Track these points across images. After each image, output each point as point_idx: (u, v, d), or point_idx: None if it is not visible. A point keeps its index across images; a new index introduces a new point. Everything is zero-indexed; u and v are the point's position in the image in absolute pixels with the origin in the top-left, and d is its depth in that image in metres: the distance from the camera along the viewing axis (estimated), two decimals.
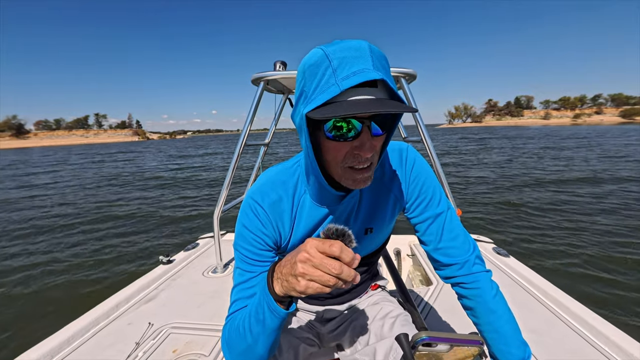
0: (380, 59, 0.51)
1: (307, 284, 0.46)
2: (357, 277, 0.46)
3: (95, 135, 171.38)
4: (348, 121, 0.52)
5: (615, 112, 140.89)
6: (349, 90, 0.49)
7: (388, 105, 0.48)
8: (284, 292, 0.51)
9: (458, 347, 0.57)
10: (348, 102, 0.49)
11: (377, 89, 0.50)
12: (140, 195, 9.26)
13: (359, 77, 0.47)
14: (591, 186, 7.75)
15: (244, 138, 1.81)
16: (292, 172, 0.71)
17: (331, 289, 0.46)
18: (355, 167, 0.56)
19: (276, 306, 0.53)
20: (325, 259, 0.45)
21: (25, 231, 6.07)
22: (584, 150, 16.03)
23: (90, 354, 1.20)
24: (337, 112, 0.47)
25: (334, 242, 0.46)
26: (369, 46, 0.50)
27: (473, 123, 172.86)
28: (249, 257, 0.67)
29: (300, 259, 0.46)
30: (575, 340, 1.18)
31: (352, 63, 0.48)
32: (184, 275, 1.87)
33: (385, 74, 0.50)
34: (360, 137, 0.53)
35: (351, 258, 0.45)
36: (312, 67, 0.51)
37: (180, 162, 20.73)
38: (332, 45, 0.51)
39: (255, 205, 0.68)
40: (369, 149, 0.53)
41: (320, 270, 0.45)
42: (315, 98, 0.50)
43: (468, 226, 4.11)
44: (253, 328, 0.58)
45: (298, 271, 0.46)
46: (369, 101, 0.49)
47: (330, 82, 0.49)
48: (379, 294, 1.00)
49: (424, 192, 0.73)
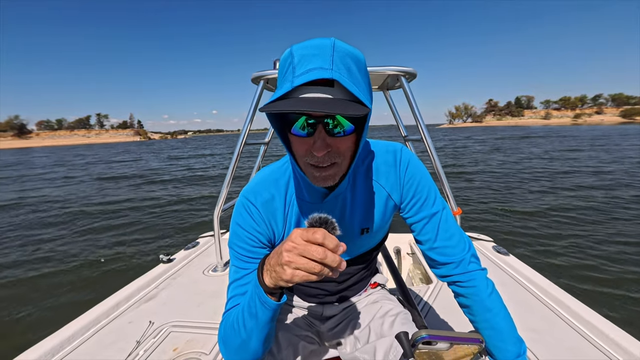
0: (344, 58, 0.50)
1: (293, 272, 0.47)
2: (343, 263, 0.47)
3: (97, 135, 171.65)
4: (305, 117, 0.53)
5: (615, 112, 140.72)
6: (302, 87, 0.50)
7: (329, 105, 0.47)
8: (273, 283, 0.52)
9: (458, 346, 0.57)
10: (295, 99, 0.50)
11: (334, 89, 0.50)
12: (140, 195, 9.27)
13: (310, 75, 0.48)
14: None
15: (244, 137, 1.81)
16: (283, 171, 0.73)
17: (318, 277, 0.47)
18: (315, 165, 0.57)
19: (267, 298, 0.55)
20: (309, 246, 0.46)
21: (24, 230, 6.08)
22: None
23: (91, 352, 1.21)
24: (278, 107, 0.48)
25: (317, 229, 0.47)
26: (334, 44, 0.50)
27: (473, 123, 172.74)
28: (243, 255, 0.68)
29: (285, 247, 0.48)
30: (575, 339, 1.18)
31: (310, 61, 0.49)
32: (185, 274, 1.87)
33: (347, 74, 0.50)
34: (314, 135, 0.54)
35: (335, 245, 0.46)
36: (281, 64, 0.54)
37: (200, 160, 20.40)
38: (301, 42, 0.52)
39: (248, 204, 0.69)
40: (320, 147, 0.53)
41: (306, 258, 0.46)
42: (275, 92, 0.52)
43: (479, 226, 4.02)
44: (247, 323, 0.59)
45: (284, 260, 0.47)
46: (315, 100, 0.49)
47: (287, 79, 0.50)
48: (379, 292, 1.00)
49: (419, 192, 0.73)
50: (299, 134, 0.55)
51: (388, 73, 1.71)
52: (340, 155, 0.57)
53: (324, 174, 0.57)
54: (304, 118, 0.53)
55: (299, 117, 0.53)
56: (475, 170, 11.24)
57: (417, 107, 1.73)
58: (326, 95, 0.50)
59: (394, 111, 2.15)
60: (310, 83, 0.49)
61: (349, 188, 0.72)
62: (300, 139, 0.56)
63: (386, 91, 2.14)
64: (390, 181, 0.73)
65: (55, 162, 24.68)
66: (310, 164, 0.57)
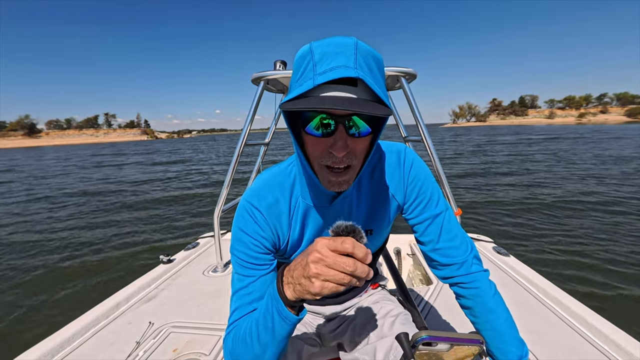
0: (366, 57, 0.49)
1: (322, 285, 0.44)
2: (371, 272, 0.45)
3: (105, 134, 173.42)
4: (323, 117, 0.51)
5: (620, 111, 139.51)
6: (324, 86, 0.48)
7: (356, 105, 0.46)
8: (296, 297, 0.49)
9: (458, 346, 0.56)
10: (318, 98, 0.48)
11: (357, 88, 0.49)
12: (140, 194, 9.32)
13: (334, 74, 0.46)
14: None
15: (244, 137, 1.81)
16: (287, 173, 0.70)
17: (346, 287, 0.45)
18: (331, 167, 0.55)
19: (288, 312, 0.51)
20: (339, 257, 0.44)
21: (24, 230, 6.12)
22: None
23: (91, 353, 1.21)
24: (301, 105, 0.46)
25: (345, 238, 0.44)
26: (356, 43, 0.49)
27: (477, 122, 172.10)
28: (247, 262, 0.65)
29: (312, 259, 0.45)
30: (575, 340, 1.18)
31: (332, 59, 0.47)
32: (185, 275, 1.88)
33: (369, 74, 0.48)
34: (334, 135, 0.52)
35: (364, 254, 0.44)
36: (298, 60, 0.52)
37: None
38: (321, 40, 0.50)
39: (252, 208, 0.66)
40: (341, 147, 0.52)
41: (335, 269, 0.44)
42: (293, 90, 0.50)
43: (489, 231, 3.74)
44: (261, 337, 0.55)
45: (311, 272, 0.44)
46: (339, 99, 0.47)
47: (308, 76, 0.49)
48: (379, 293, 0.99)
49: (422, 192, 0.72)
50: (314, 134, 0.53)
51: (388, 74, 1.71)
52: (355, 157, 0.55)
53: (340, 179, 0.55)
54: (319, 117, 0.51)
55: (315, 116, 0.51)
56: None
57: (417, 107, 1.73)
58: (350, 95, 0.48)
59: (394, 111, 2.15)
60: (332, 82, 0.48)
61: (355, 189, 0.70)
62: (316, 139, 0.53)
63: (386, 92, 2.13)
64: (394, 182, 0.72)
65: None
66: (326, 166, 0.55)
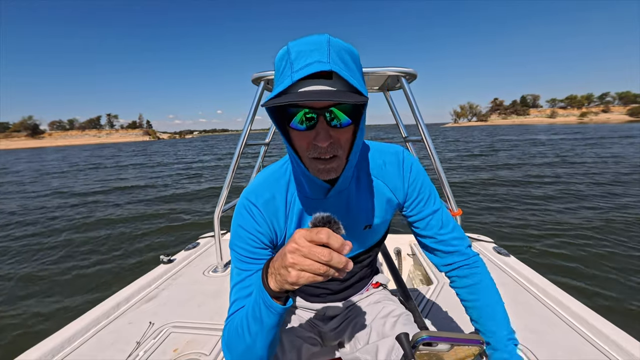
0: (340, 52, 0.52)
1: (298, 274, 0.46)
2: (350, 264, 0.46)
3: (107, 135, 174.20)
4: (306, 112, 0.54)
5: (622, 110, 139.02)
6: (302, 82, 0.51)
7: (328, 95, 0.49)
8: (278, 287, 0.51)
9: (458, 347, 0.56)
10: (296, 93, 0.51)
11: (332, 81, 0.52)
12: (140, 194, 9.34)
13: (310, 69, 0.49)
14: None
15: (244, 138, 1.81)
16: (283, 170, 0.73)
17: (324, 278, 0.46)
18: (318, 158, 0.57)
19: (272, 302, 0.53)
20: (314, 247, 0.45)
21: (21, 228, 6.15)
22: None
23: (91, 353, 1.21)
24: (281, 100, 0.49)
25: (321, 229, 0.45)
26: (328, 40, 0.51)
27: (478, 122, 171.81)
28: (245, 256, 0.68)
29: (289, 249, 0.46)
30: (575, 339, 1.18)
31: (307, 56, 0.50)
32: (185, 275, 1.88)
33: (343, 66, 0.51)
34: (316, 127, 0.55)
35: (340, 244, 0.45)
36: (278, 61, 0.55)
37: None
38: (297, 40, 0.53)
39: (249, 204, 0.70)
40: (324, 138, 0.54)
41: (310, 259, 0.45)
42: (274, 89, 0.53)
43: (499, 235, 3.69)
44: (251, 327, 0.58)
45: (288, 262, 0.46)
46: (316, 92, 0.50)
47: (286, 74, 0.52)
48: (380, 292, 1.00)
49: (422, 192, 0.77)
50: (299, 128, 0.56)
51: (388, 74, 1.71)
52: (340, 147, 0.57)
53: (328, 167, 0.58)
54: (303, 112, 0.54)
55: (298, 111, 0.54)
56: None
57: (418, 108, 1.72)
58: (326, 87, 0.51)
59: (394, 112, 2.15)
60: (308, 77, 0.51)
61: (354, 184, 0.73)
62: (301, 133, 0.56)
63: (386, 92, 2.14)
64: (393, 180, 0.76)
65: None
66: (313, 158, 0.58)
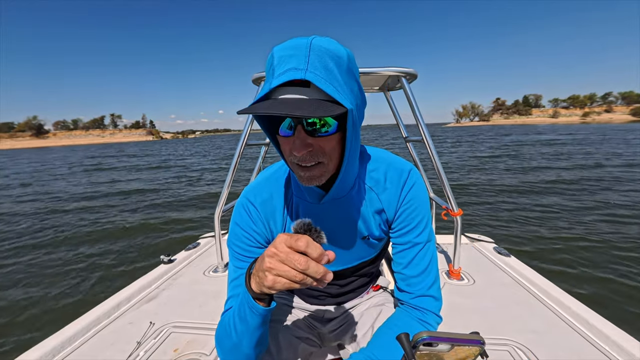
0: (322, 56, 0.49)
1: (274, 279, 0.45)
2: (328, 275, 0.45)
3: (111, 135, 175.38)
4: (290, 119, 0.53)
5: (625, 110, 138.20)
6: (280, 88, 0.50)
7: (295, 107, 0.46)
8: (258, 289, 0.50)
9: (459, 347, 0.55)
10: (271, 101, 0.50)
11: (309, 89, 0.49)
12: (140, 195, 9.36)
13: (286, 76, 0.47)
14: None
15: (244, 138, 1.81)
16: (284, 170, 0.73)
17: (301, 285, 0.45)
18: (299, 165, 0.56)
19: (254, 303, 0.53)
20: (292, 254, 0.44)
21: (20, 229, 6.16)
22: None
23: (92, 353, 1.21)
24: (255, 109, 0.47)
25: (300, 236, 0.44)
26: (310, 43, 0.49)
27: (480, 122, 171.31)
28: (240, 254, 0.69)
29: (267, 253, 0.46)
30: (575, 339, 1.18)
31: (286, 62, 0.49)
32: (185, 275, 1.88)
33: (323, 73, 0.48)
34: (294, 135, 0.53)
35: (319, 254, 0.44)
36: (266, 65, 0.54)
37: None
38: (281, 44, 0.52)
39: (247, 203, 0.70)
40: (299, 147, 0.53)
41: (287, 266, 0.44)
42: (257, 94, 0.54)
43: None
44: (237, 326, 0.59)
45: (265, 265, 0.46)
46: (289, 100, 0.48)
47: (268, 80, 0.51)
48: (381, 294, 0.98)
49: (412, 217, 0.72)
50: (285, 134, 0.55)
51: (389, 74, 1.71)
52: (325, 155, 0.55)
53: (309, 174, 0.56)
54: (290, 119, 0.53)
55: (285, 117, 0.53)
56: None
57: (418, 108, 1.72)
58: (301, 96, 0.49)
59: (394, 112, 2.15)
60: (286, 84, 0.49)
61: (355, 194, 0.70)
62: (284, 139, 0.56)
63: (387, 92, 2.14)
64: (388, 196, 0.72)
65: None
66: (295, 164, 0.57)
